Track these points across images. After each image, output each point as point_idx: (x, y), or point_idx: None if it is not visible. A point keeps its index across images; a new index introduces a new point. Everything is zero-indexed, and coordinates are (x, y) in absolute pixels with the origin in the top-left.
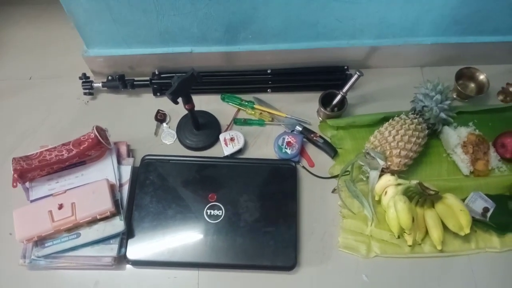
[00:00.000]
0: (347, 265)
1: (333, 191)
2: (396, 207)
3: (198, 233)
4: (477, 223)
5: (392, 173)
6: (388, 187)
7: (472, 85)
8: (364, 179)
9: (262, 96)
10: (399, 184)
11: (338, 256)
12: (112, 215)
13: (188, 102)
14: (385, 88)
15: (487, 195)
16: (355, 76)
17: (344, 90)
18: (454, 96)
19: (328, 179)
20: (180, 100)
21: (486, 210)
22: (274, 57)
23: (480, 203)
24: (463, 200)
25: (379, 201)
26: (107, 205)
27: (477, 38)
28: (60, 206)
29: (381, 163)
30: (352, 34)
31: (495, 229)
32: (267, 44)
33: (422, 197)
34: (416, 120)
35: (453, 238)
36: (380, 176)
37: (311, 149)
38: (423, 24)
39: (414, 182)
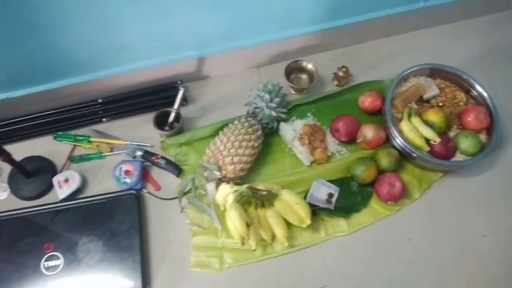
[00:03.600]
0: (202, 284)
1: (181, 210)
2: (230, 216)
3: None
4: (323, 210)
5: (231, 181)
6: (228, 196)
7: (304, 76)
8: (204, 192)
9: (99, 126)
10: (236, 191)
11: (192, 277)
12: None
13: (0, 154)
14: (225, 95)
15: (331, 180)
16: (180, 91)
17: (175, 106)
18: (292, 91)
19: (175, 199)
20: None
21: (330, 195)
22: (102, 85)
23: (324, 190)
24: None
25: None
26: None
27: (293, 31)
28: None
29: (217, 173)
30: (172, 49)
31: (340, 214)
32: (87, 74)
33: (259, 199)
34: (246, 124)
35: (302, 230)
36: (220, 186)
37: (156, 172)
38: (237, 29)
39: (245, 186)
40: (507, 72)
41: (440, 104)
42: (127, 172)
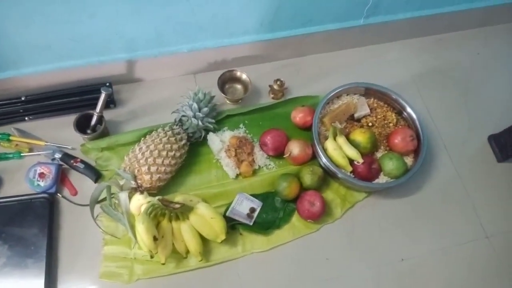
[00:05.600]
0: None
1: (95, 218)
2: (137, 229)
3: None
4: (242, 225)
5: (147, 191)
6: (142, 206)
7: (239, 86)
8: (117, 201)
9: (22, 125)
10: (149, 202)
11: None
12: None
13: None
14: (157, 100)
15: (256, 194)
16: (102, 95)
17: (98, 110)
18: (227, 101)
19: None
20: None
21: (252, 210)
22: (24, 83)
23: (246, 204)
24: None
25: None
26: None
27: (229, 40)
28: None
29: (132, 183)
30: (98, 51)
31: (260, 229)
32: (7, 71)
33: (173, 212)
34: (170, 132)
35: (219, 245)
36: (133, 196)
37: (75, 176)
38: (167, 34)
39: (156, 198)
40: (445, 92)
41: (370, 124)
42: (41, 175)
